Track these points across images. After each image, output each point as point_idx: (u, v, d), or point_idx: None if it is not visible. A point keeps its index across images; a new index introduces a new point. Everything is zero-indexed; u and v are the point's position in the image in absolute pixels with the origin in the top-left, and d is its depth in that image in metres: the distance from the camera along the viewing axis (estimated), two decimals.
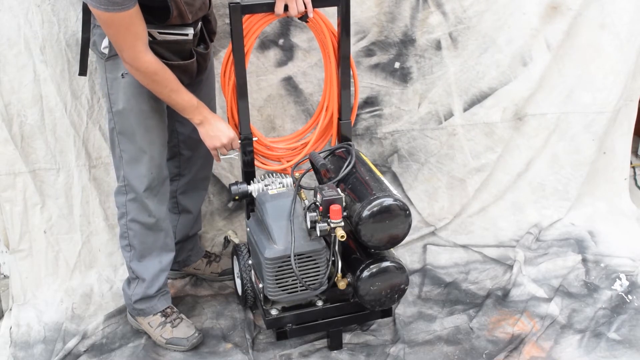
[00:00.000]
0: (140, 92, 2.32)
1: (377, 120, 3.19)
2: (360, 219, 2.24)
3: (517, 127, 3.27)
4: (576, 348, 2.53)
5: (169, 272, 2.66)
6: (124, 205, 2.51)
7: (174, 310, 2.66)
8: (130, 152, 2.42)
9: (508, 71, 3.15)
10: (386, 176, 3.25)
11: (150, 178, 2.46)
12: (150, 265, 2.58)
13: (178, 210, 2.84)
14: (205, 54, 2.48)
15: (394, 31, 3.04)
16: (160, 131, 2.45)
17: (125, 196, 2.49)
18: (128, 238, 2.55)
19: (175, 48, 2.31)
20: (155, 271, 2.58)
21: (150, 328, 2.61)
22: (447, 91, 3.17)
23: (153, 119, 2.41)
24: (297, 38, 2.99)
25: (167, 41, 2.27)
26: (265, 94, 3.05)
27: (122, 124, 2.38)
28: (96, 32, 2.31)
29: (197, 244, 2.98)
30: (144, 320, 2.63)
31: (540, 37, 3.11)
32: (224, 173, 3.16)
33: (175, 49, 2.31)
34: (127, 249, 2.58)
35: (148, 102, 2.37)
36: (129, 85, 2.31)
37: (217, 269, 2.98)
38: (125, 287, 2.65)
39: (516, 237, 3.21)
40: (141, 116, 2.38)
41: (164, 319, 2.61)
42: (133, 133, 2.39)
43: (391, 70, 3.11)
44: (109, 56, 2.29)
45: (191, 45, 2.36)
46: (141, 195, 2.46)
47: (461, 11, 3.04)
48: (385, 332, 2.65)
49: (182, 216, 2.85)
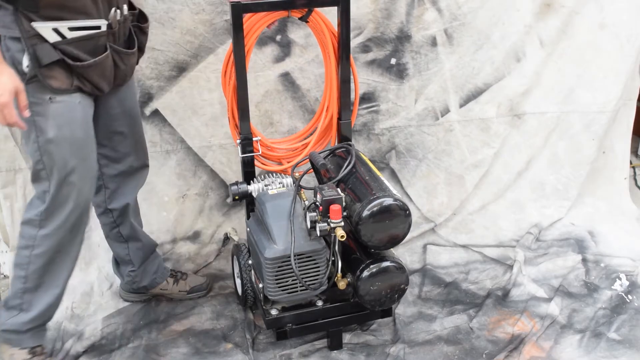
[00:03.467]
0: (74, 117, 2.13)
1: (374, 117, 3.20)
2: (360, 218, 2.24)
3: (517, 125, 3.28)
4: (576, 348, 2.53)
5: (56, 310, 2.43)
6: (33, 238, 2.24)
7: (44, 351, 2.42)
8: (57, 187, 2.18)
9: (502, 67, 3.19)
10: (385, 173, 3.26)
11: (76, 216, 2.25)
12: (43, 300, 2.34)
13: (123, 239, 2.65)
14: (126, 54, 2.25)
15: (389, 27, 3.05)
16: (93, 162, 2.26)
17: (37, 230, 2.23)
18: (27, 270, 2.28)
19: (89, 46, 2.09)
20: (43, 308, 2.35)
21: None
22: (443, 87, 3.19)
23: (87, 147, 2.21)
24: (295, 34, 3.00)
25: (81, 38, 2.05)
26: (263, 90, 3.06)
27: (53, 155, 2.13)
28: (12, 47, 2.02)
29: (160, 265, 2.81)
30: (8, 350, 2.37)
31: (534, 34, 3.14)
32: (221, 167, 3.17)
33: (89, 47, 2.09)
34: (22, 281, 2.30)
35: (82, 128, 2.16)
36: (61, 111, 2.08)
37: (185, 287, 2.84)
38: (2, 309, 2.38)
39: (516, 237, 3.21)
40: (76, 145, 2.16)
41: (30, 356, 2.37)
42: (65, 165, 2.15)
43: (387, 67, 3.12)
44: (30, 77, 2.02)
45: (105, 40, 2.14)
46: (62, 232, 2.25)
47: (456, 8, 3.06)
48: (385, 332, 2.65)
49: (131, 243, 2.67)
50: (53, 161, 2.14)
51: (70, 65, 2.06)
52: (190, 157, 3.15)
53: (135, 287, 2.78)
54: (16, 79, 1.95)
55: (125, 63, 2.26)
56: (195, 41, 2.92)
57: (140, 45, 2.35)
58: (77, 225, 2.29)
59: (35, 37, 2.00)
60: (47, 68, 2.03)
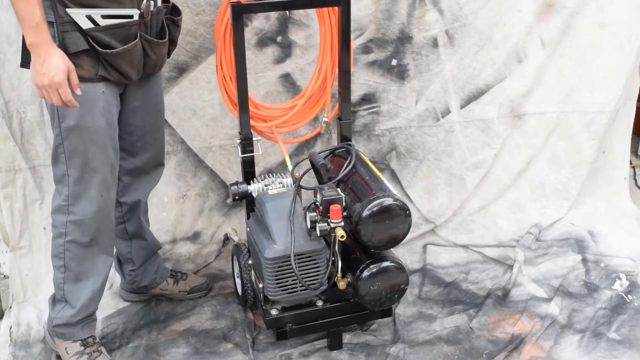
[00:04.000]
0: (95, 106, 2.17)
1: (375, 118, 3.20)
2: (360, 218, 2.24)
3: (517, 125, 3.28)
4: (576, 348, 2.53)
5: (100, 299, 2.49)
6: (63, 225, 2.30)
7: (96, 342, 2.48)
8: (79, 171, 2.23)
9: (503, 68, 3.18)
10: (385, 173, 3.26)
11: (101, 201, 2.29)
12: (84, 290, 2.39)
13: (128, 236, 2.66)
14: (157, 44, 2.28)
15: (390, 28, 3.05)
16: (113, 150, 2.29)
17: (66, 216, 2.29)
18: (64, 259, 2.35)
19: (121, 34, 2.14)
20: (86, 298, 2.40)
21: (66, 354, 2.44)
22: (444, 88, 3.18)
23: (108, 136, 2.24)
24: (295, 35, 3.00)
25: (113, 26, 2.10)
26: (264, 91, 3.06)
27: (73, 141, 2.19)
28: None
29: (160, 265, 2.82)
30: (62, 344, 2.46)
31: (535, 35, 3.13)
32: (221, 168, 3.17)
33: (121, 35, 2.14)
34: (61, 270, 2.37)
35: (104, 117, 2.20)
36: (83, 100, 2.10)
37: (185, 287, 2.85)
38: (50, 305, 2.47)
39: (516, 237, 3.21)
40: (96, 134, 2.20)
41: (82, 348, 2.44)
42: (85, 152, 2.20)
43: (388, 68, 3.12)
44: None
45: (137, 30, 2.18)
46: (87, 219, 2.29)
47: (457, 9, 3.06)
48: (385, 332, 2.65)
49: (134, 241, 2.68)
50: (73, 147, 2.19)
51: (98, 54, 2.11)
52: (190, 158, 3.15)
53: (135, 287, 2.78)
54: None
55: (155, 53, 2.30)
56: (195, 42, 2.93)
57: (172, 38, 2.39)
58: (104, 212, 2.33)
59: (68, 24, 2.05)
60: (74, 56, 2.07)
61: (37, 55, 2.00)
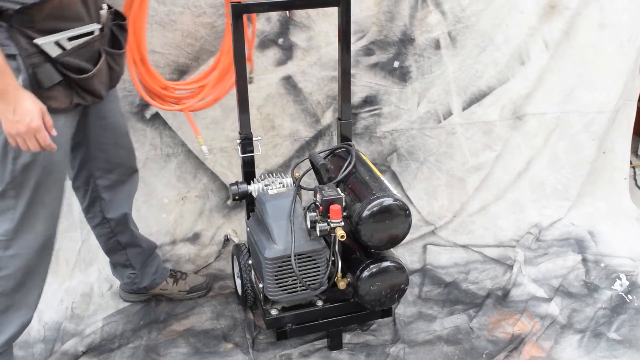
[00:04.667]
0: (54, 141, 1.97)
1: (377, 120, 3.20)
2: (360, 218, 2.24)
3: (517, 126, 3.28)
4: (576, 348, 2.53)
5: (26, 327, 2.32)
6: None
7: None
8: (27, 206, 2.08)
9: (506, 70, 3.17)
10: (386, 175, 3.26)
11: (46, 237, 2.18)
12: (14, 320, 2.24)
13: (122, 246, 2.63)
14: (118, 55, 2.20)
15: (393, 30, 3.05)
16: (62, 185, 2.18)
17: (4, 251, 2.12)
18: None
19: (86, 54, 2.03)
20: (16, 328, 2.26)
21: None
22: (446, 90, 3.18)
23: (63, 169, 2.15)
24: (297, 37, 3.00)
25: (79, 47, 1.98)
26: (265, 93, 3.06)
27: (27, 178, 2.04)
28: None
29: (159, 265, 2.80)
30: None
31: (538, 36, 3.13)
32: (222, 170, 3.17)
33: (86, 54, 2.03)
34: None
35: (62, 150, 2.07)
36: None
37: (184, 287, 2.84)
38: None
39: (516, 237, 3.21)
40: (53, 167, 2.07)
41: None
42: (38, 187, 2.06)
43: (390, 70, 3.12)
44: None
45: (99, 44, 2.08)
46: (30, 253, 2.16)
47: (460, 10, 3.05)
48: (385, 332, 2.65)
49: (129, 250, 2.66)
50: (27, 183, 2.05)
51: (70, 81, 2.00)
52: (190, 160, 3.15)
53: (135, 287, 2.78)
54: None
55: (118, 64, 2.22)
56: (196, 44, 2.93)
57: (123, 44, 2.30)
58: (47, 246, 2.22)
59: (35, 55, 1.91)
60: (47, 89, 1.96)
61: (6, 102, 1.83)
